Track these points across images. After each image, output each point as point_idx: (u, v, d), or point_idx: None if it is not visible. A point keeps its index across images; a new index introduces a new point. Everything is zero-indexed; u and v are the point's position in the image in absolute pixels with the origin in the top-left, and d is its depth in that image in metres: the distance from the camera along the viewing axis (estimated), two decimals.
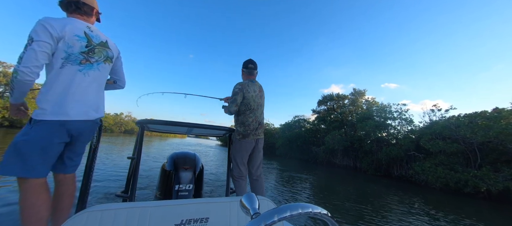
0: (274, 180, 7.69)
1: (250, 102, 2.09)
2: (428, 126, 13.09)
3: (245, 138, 2.06)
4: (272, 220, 0.32)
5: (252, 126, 2.09)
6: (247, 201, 0.41)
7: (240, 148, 2.06)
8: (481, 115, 10.75)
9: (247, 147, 2.07)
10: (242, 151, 2.06)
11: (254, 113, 2.12)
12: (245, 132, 2.07)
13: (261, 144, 2.21)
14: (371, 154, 14.69)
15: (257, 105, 2.15)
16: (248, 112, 2.10)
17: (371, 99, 19.59)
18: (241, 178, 2.07)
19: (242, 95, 2.08)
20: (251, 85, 2.15)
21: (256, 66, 2.32)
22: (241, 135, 2.07)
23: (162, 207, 0.74)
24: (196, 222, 0.77)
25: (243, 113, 2.10)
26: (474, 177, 8.69)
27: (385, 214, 4.61)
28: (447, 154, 10.51)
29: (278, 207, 0.35)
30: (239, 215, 0.85)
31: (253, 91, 2.14)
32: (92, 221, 0.64)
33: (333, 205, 4.96)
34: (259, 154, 2.20)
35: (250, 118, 2.10)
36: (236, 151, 2.09)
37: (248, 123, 2.08)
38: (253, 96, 2.12)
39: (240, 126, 2.10)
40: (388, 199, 6.38)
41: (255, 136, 2.11)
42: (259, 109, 2.18)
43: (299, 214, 0.35)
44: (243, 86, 2.10)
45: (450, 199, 7.54)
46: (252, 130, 2.08)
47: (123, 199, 1.69)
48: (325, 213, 0.39)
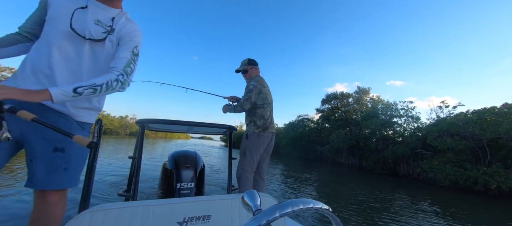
0: (278, 180, 7.66)
1: (267, 96, 2.15)
2: (435, 123, 12.85)
3: (264, 131, 2.08)
4: (274, 216, 0.32)
5: (270, 120, 2.16)
6: (248, 198, 0.42)
7: (258, 141, 2.06)
8: (490, 110, 10.49)
9: (264, 141, 2.09)
10: (259, 145, 2.06)
11: (270, 106, 2.18)
12: (264, 125, 2.10)
13: (274, 140, 2.24)
14: (377, 153, 14.51)
15: (271, 100, 2.21)
16: (266, 106, 2.14)
17: (376, 97, 19.38)
18: (251, 172, 2.04)
19: (258, 91, 2.12)
20: (264, 81, 2.22)
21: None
22: (261, 128, 2.08)
23: (164, 205, 0.75)
24: (198, 219, 0.77)
25: (262, 107, 2.14)
26: (484, 174, 8.49)
27: (394, 213, 4.54)
28: (455, 151, 10.30)
29: (280, 203, 0.35)
30: (241, 212, 0.85)
31: (266, 86, 2.21)
32: (95, 220, 0.64)
33: (340, 204, 4.91)
34: (270, 150, 2.23)
35: (268, 112, 2.14)
36: (253, 144, 2.07)
37: (267, 116, 2.13)
38: (268, 91, 2.20)
39: (259, 119, 2.11)
40: (396, 198, 6.28)
41: (272, 129, 2.16)
42: (271, 104, 2.23)
43: (300, 209, 0.35)
44: (258, 82, 2.14)
45: (460, 197, 7.38)
46: (270, 123, 2.14)
47: (126, 198, 1.70)
48: (327, 208, 0.39)
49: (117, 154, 10.51)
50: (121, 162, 7.87)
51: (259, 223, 0.31)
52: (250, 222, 0.31)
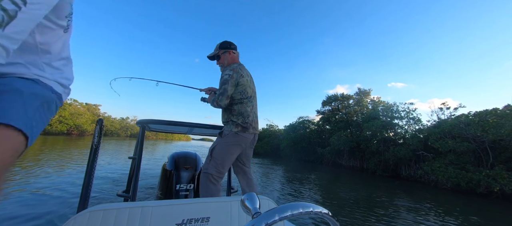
0: (279, 182, 7.63)
1: (246, 88, 1.71)
2: (437, 124, 12.81)
3: (244, 131, 1.66)
4: (273, 219, 0.32)
5: (251, 117, 1.72)
6: (248, 200, 0.42)
7: (235, 143, 1.64)
8: (492, 112, 10.44)
9: (243, 143, 1.67)
10: (236, 147, 1.65)
11: (251, 101, 1.76)
12: (245, 123, 1.66)
13: (256, 140, 1.84)
14: (378, 154, 14.46)
15: (253, 93, 1.79)
16: (246, 100, 1.72)
17: (377, 99, 19.36)
18: (218, 180, 1.61)
19: (235, 83, 1.69)
20: (244, 69, 1.79)
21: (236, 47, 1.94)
22: (240, 126, 1.65)
23: (163, 206, 0.74)
24: (197, 221, 0.76)
25: (240, 102, 1.71)
26: (487, 176, 8.42)
27: (395, 217, 4.50)
28: (457, 153, 10.24)
29: (279, 206, 0.35)
30: (239, 215, 0.84)
31: (247, 76, 1.77)
32: (94, 220, 0.64)
33: (340, 207, 4.87)
34: (251, 152, 1.86)
35: (249, 107, 1.72)
36: (228, 145, 1.63)
37: (247, 113, 1.69)
38: (248, 81, 1.75)
39: (237, 117, 1.69)
40: (397, 200, 6.24)
41: (254, 130, 1.74)
42: (254, 98, 1.81)
43: (300, 213, 0.35)
44: (234, 70, 1.70)
45: (462, 200, 7.32)
46: (251, 121, 1.70)
47: (125, 199, 1.70)
48: (326, 213, 0.39)
49: (118, 155, 10.51)
50: (121, 162, 7.87)
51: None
52: (249, 224, 0.31)
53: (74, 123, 35.09)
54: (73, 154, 9.72)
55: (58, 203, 3.25)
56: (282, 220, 0.33)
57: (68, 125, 34.10)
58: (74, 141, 19.55)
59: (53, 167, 5.94)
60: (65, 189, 3.99)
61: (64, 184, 4.32)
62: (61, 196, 3.57)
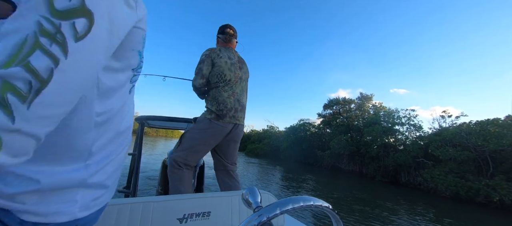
0: (278, 184, 7.63)
1: (224, 71, 1.52)
2: (438, 132, 12.76)
3: (218, 119, 1.46)
4: (274, 213, 0.32)
5: (229, 104, 1.49)
6: (249, 194, 0.42)
7: (208, 130, 1.46)
8: (493, 122, 10.39)
9: (217, 132, 1.47)
10: (208, 135, 1.46)
11: (232, 87, 1.55)
12: (220, 111, 1.47)
13: (240, 133, 1.63)
14: (378, 160, 14.40)
15: (235, 77, 1.57)
16: (222, 85, 1.52)
17: (379, 104, 19.31)
18: (185, 167, 1.45)
19: (210, 63, 1.53)
20: (225, 51, 1.61)
21: (235, 33, 1.75)
22: (214, 114, 1.47)
23: (164, 202, 0.75)
24: (198, 216, 0.77)
25: (215, 86, 1.52)
26: (486, 186, 8.37)
27: (394, 222, 4.49)
28: (457, 161, 10.19)
29: (280, 200, 0.35)
30: (240, 209, 0.85)
31: (228, 58, 1.57)
32: None
33: (340, 214, 4.87)
34: (235, 145, 1.64)
35: (225, 93, 1.51)
36: (197, 132, 1.47)
37: (223, 99, 1.48)
38: (227, 64, 1.55)
39: (211, 102, 1.51)
40: (396, 207, 6.21)
41: (234, 119, 1.51)
42: (239, 85, 1.60)
43: (301, 206, 0.35)
44: (211, 51, 1.56)
45: (461, 208, 7.28)
46: (229, 109, 1.48)
47: (125, 195, 1.70)
48: (327, 206, 0.39)
49: None
50: None
51: (260, 220, 0.31)
52: (251, 218, 0.32)
53: None
54: None
55: None
56: (283, 214, 0.34)
57: None
58: None
59: None
60: None
61: None
62: None
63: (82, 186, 0.40)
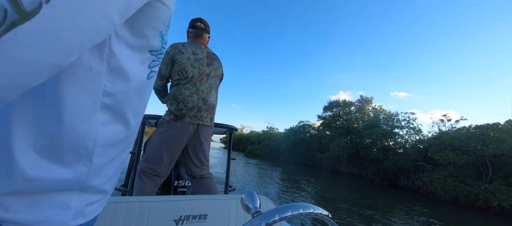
0: (276, 187, 7.61)
1: (185, 67, 1.39)
2: (437, 136, 12.77)
3: (176, 120, 1.35)
4: (273, 219, 0.32)
5: (191, 103, 1.37)
6: (248, 199, 0.42)
7: (166, 134, 1.35)
8: (493, 127, 10.41)
9: (177, 135, 1.35)
10: (168, 139, 1.35)
11: (194, 84, 1.41)
12: (178, 110, 1.35)
13: (206, 135, 1.49)
14: (377, 163, 14.40)
15: (199, 74, 1.43)
16: (183, 82, 1.39)
17: (379, 107, 19.34)
18: (151, 177, 1.34)
19: (170, 62, 1.40)
20: (190, 46, 1.47)
21: (207, 27, 1.61)
22: (172, 114, 1.36)
23: (161, 202, 0.75)
24: (194, 218, 0.77)
25: (176, 84, 1.41)
26: (485, 191, 8.36)
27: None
28: (457, 165, 10.18)
29: (280, 206, 0.35)
30: (237, 213, 0.85)
31: (192, 54, 1.43)
32: None
33: (338, 216, 4.85)
34: (201, 148, 1.48)
35: (187, 91, 1.38)
36: (158, 137, 1.37)
37: (183, 98, 1.37)
38: (190, 59, 1.41)
39: (171, 102, 1.39)
40: (396, 210, 6.20)
41: (196, 119, 1.39)
42: (205, 82, 1.46)
43: (300, 214, 0.35)
44: (173, 47, 1.42)
45: (460, 213, 7.26)
46: (189, 108, 1.37)
47: (122, 193, 1.70)
48: (326, 214, 0.39)
49: None
50: None
51: (258, 225, 0.31)
52: (249, 223, 0.31)
53: None
54: None
55: None
56: (282, 220, 0.33)
57: None
58: None
59: None
60: None
61: None
62: None
63: (78, 188, 0.31)
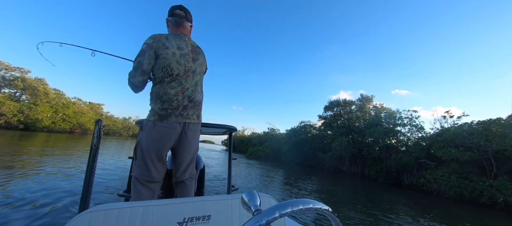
0: (279, 187, 7.59)
1: (171, 64, 1.30)
2: (439, 133, 12.69)
3: (161, 119, 1.28)
4: (274, 216, 0.32)
5: (176, 102, 1.31)
6: (248, 198, 0.42)
7: (151, 136, 1.27)
8: (495, 122, 10.33)
9: (163, 136, 1.28)
10: (153, 141, 1.27)
11: (181, 82, 1.33)
12: (163, 110, 1.28)
13: (194, 133, 1.40)
14: (380, 161, 14.31)
15: (184, 71, 1.35)
16: (168, 80, 1.31)
17: (379, 105, 19.26)
18: (144, 182, 1.27)
19: (153, 55, 1.30)
20: (174, 38, 1.37)
21: (188, 15, 1.49)
22: (157, 115, 1.28)
23: (164, 206, 0.74)
24: (198, 220, 0.77)
25: (160, 82, 1.31)
26: (490, 187, 8.28)
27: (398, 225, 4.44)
28: (460, 162, 10.10)
29: (280, 203, 0.35)
30: (240, 212, 0.85)
31: (177, 48, 1.35)
32: (95, 221, 0.64)
33: (343, 215, 4.82)
34: (189, 148, 1.39)
35: (172, 89, 1.31)
36: (144, 140, 1.28)
37: (169, 96, 1.29)
38: (175, 55, 1.32)
39: (155, 101, 1.32)
40: (400, 208, 6.15)
41: (182, 117, 1.32)
42: (190, 79, 1.38)
43: (300, 209, 0.35)
44: (155, 39, 1.32)
45: (465, 210, 7.19)
46: (175, 107, 1.30)
47: (126, 198, 1.70)
48: (327, 209, 0.39)
49: (119, 154, 10.55)
50: (121, 162, 7.90)
51: (259, 223, 0.31)
52: (249, 222, 0.32)
53: (77, 121, 35.36)
54: (75, 153, 9.78)
55: (59, 203, 3.27)
56: (283, 217, 0.34)
57: (71, 123, 34.37)
58: (77, 139, 19.67)
59: (54, 167, 5.98)
60: (66, 190, 4.00)
61: (65, 185, 4.34)
62: (62, 197, 3.58)
63: None
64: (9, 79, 26.38)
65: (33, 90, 28.01)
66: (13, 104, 24.71)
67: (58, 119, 31.51)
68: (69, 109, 34.21)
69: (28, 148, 9.44)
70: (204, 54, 1.57)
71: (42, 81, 30.05)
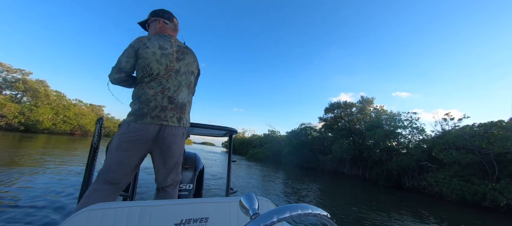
0: (279, 190, 7.55)
1: (150, 63, 1.26)
2: (441, 135, 12.66)
3: (136, 120, 1.21)
4: (272, 221, 0.32)
5: (154, 103, 1.24)
6: (246, 201, 0.41)
7: (125, 136, 1.19)
8: (497, 124, 10.29)
9: (136, 137, 1.20)
10: (126, 143, 1.19)
11: (161, 82, 1.28)
12: (139, 110, 1.23)
13: (173, 137, 1.29)
14: (381, 164, 14.26)
15: (165, 70, 1.31)
16: (148, 80, 1.26)
17: (380, 107, 19.25)
18: (105, 184, 1.17)
19: (133, 55, 1.28)
20: (158, 39, 1.35)
21: (173, 18, 1.49)
22: (133, 115, 1.22)
23: (162, 206, 0.74)
24: (195, 221, 0.76)
25: (140, 82, 1.28)
26: (493, 190, 8.22)
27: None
28: (462, 165, 10.05)
29: (278, 208, 0.35)
30: (238, 215, 0.84)
31: (159, 48, 1.31)
32: (93, 219, 0.64)
33: (343, 219, 4.78)
34: (167, 153, 1.29)
35: (151, 90, 1.25)
36: (117, 140, 1.21)
37: (146, 97, 1.24)
38: (155, 54, 1.29)
39: (133, 102, 1.27)
40: (401, 212, 6.10)
41: (158, 119, 1.24)
42: (173, 79, 1.32)
43: (298, 215, 0.35)
44: (138, 40, 1.31)
45: (468, 213, 7.13)
46: (152, 108, 1.24)
47: (123, 198, 1.70)
48: (325, 215, 0.39)
49: None
50: None
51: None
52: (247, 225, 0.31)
53: (78, 123, 35.43)
54: (75, 154, 9.78)
55: (57, 201, 3.27)
56: (281, 221, 0.33)
57: (72, 125, 34.43)
58: (77, 141, 19.70)
59: (53, 166, 5.98)
60: (64, 188, 4.01)
61: (63, 183, 4.34)
62: (60, 195, 3.58)
63: None
64: (10, 81, 26.54)
65: (34, 92, 28.12)
66: (14, 106, 24.81)
67: (58, 121, 31.57)
68: (69, 111, 34.29)
69: (28, 149, 9.46)
70: (196, 56, 1.52)
71: (43, 83, 30.19)
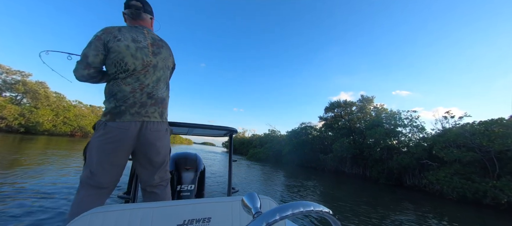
0: (280, 189, 7.56)
1: (124, 58, 1.16)
2: (441, 133, 12.65)
3: (114, 119, 1.12)
4: (274, 219, 0.32)
5: (133, 99, 1.16)
6: (248, 200, 0.41)
7: (102, 137, 1.10)
8: (497, 122, 10.28)
9: (115, 137, 1.11)
10: (104, 144, 1.10)
11: (138, 77, 1.19)
12: (116, 108, 1.14)
13: (156, 133, 1.21)
14: (382, 162, 14.26)
15: (143, 66, 1.21)
16: (123, 76, 1.16)
17: (380, 106, 19.26)
18: (90, 188, 1.10)
19: (102, 48, 1.15)
20: (129, 31, 1.23)
21: (147, 6, 1.36)
22: (110, 114, 1.13)
23: (164, 207, 0.74)
24: (198, 222, 0.76)
25: (114, 79, 1.17)
26: (493, 187, 8.22)
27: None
28: (462, 163, 10.05)
29: (280, 206, 0.35)
30: (241, 215, 0.84)
31: (132, 41, 1.20)
32: (95, 223, 0.63)
33: (344, 218, 4.79)
34: (151, 151, 1.21)
35: (128, 86, 1.16)
36: (94, 141, 1.12)
37: (124, 94, 1.15)
38: (129, 48, 1.18)
39: (108, 100, 1.17)
40: (402, 210, 6.11)
41: (139, 115, 1.16)
42: (151, 74, 1.23)
43: (300, 212, 0.35)
44: (106, 31, 1.18)
45: (469, 211, 7.13)
46: (130, 104, 1.15)
47: (125, 201, 1.70)
48: (327, 211, 0.39)
49: None
50: None
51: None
52: (250, 224, 0.31)
53: (78, 124, 35.43)
54: (76, 155, 9.79)
55: (59, 205, 3.26)
56: (283, 219, 0.33)
57: (72, 126, 34.44)
58: (78, 142, 19.71)
59: (54, 170, 5.98)
60: (67, 191, 4.00)
61: (65, 187, 4.33)
62: (62, 199, 3.57)
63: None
64: (10, 82, 26.54)
65: (34, 93, 28.13)
66: (14, 107, 24.82)
67: (59, 122, 31.58)
68: (70, 112, 34.29)
69: (28, 150, 9.46)
70: (171, 49, 1.43)
71: (43, 84, 30.18)
